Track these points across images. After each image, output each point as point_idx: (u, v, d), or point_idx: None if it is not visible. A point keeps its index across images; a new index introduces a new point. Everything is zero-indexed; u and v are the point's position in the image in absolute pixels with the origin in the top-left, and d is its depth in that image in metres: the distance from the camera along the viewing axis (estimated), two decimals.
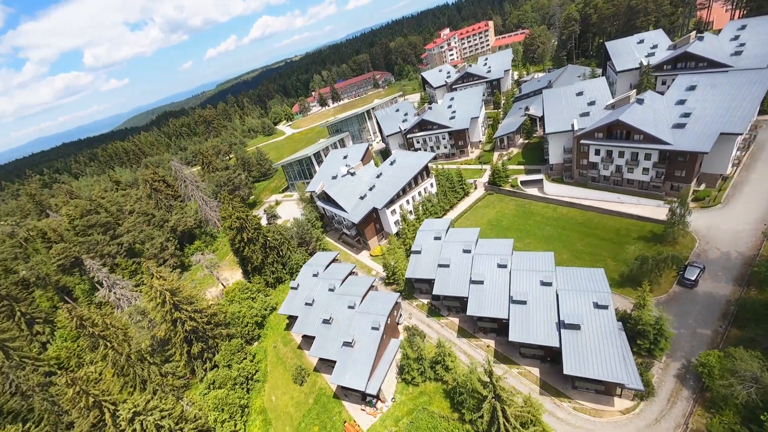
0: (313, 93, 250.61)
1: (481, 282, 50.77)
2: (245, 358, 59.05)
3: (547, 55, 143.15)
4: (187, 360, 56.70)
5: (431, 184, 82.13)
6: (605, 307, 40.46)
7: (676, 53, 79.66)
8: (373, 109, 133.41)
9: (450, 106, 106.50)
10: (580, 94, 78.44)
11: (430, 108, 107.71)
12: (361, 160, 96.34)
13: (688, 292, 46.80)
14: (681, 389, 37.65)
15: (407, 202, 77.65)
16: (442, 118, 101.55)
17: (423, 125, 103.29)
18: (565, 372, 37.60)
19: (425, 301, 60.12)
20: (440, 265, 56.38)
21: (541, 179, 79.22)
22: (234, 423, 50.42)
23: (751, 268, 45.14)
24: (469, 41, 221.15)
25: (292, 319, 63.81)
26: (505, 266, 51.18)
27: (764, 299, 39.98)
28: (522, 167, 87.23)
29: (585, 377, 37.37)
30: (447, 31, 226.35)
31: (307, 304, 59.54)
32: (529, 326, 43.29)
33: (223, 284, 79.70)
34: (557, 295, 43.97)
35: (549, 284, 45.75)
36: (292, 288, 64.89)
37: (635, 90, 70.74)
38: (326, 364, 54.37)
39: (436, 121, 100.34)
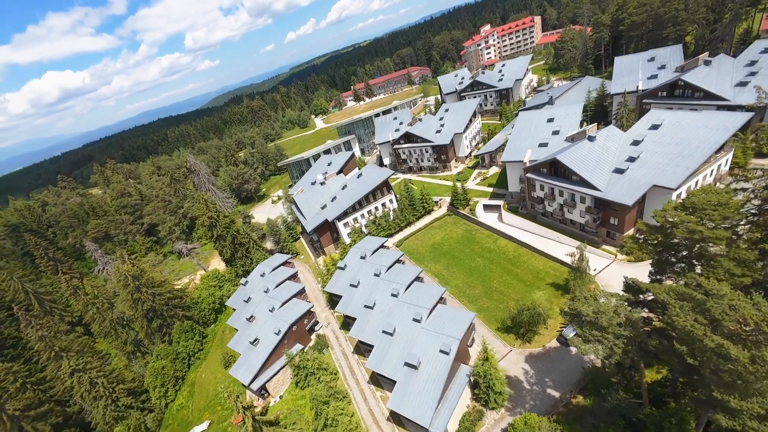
0: (352, 87, 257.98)
1: (371, 307, 54.76)
2: (193, 338, 70.48)
3: (574, 61, 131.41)
4: (146, 332, 69.77)
5: (390, 200, 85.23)
6: (446, 353, 42.51)
7: (669, 79, 71.10)
8: (376, 115, 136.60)
9: (442, 118, 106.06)
10: (550, 120, 74.82)
11: (419, 120, 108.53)
12: (343, 168, 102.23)
13: (562, 350, 46.00)
14: None
15: (362, 216, 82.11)
16: (427, 132, 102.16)
17: (409, 137, 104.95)
18: (387, 405, 41.17)
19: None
20: (351, 285, 61.19)
21: (500, 207, 77.85)
22: (166, 390, 62.06)
23: None
24: (511, 39, 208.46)
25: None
26: (396, 295, 54.36)
27: (609, 375, 38.57)
28: (491, 190, 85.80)
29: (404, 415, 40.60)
30: (488, 27, 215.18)
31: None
32: (384, 357, 46.88)
33: (205, 269, 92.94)
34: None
35: (418, 321, 48.36)
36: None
37: (596, 124, 65.71)
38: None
39: (420, 134, 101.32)
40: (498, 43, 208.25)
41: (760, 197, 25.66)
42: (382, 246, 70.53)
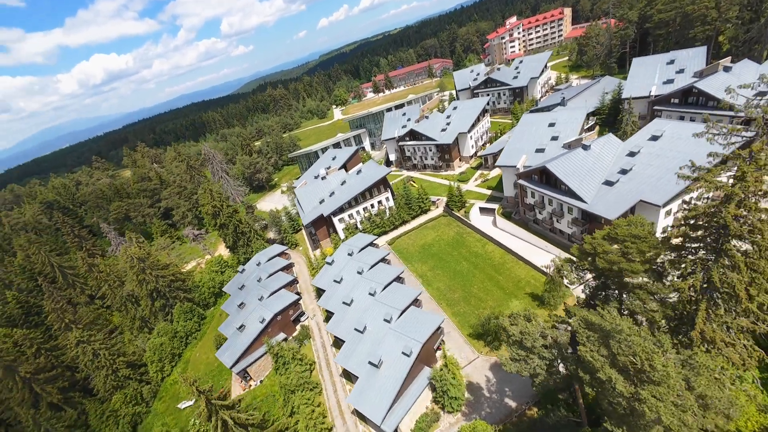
0: (374, 78, 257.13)
1: (349, 304, 56.74)
2: (192, 319, 75.50)
3: (597, 59, 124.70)
4: (150, 310, 75.41)
5: (387, 198, 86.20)
6: (408, 355, 43.86)
7: (683, 86, 66.98)
8: (388, 110, 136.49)
9: (449, 116, 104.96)
10: (551, 125, 72.90)
11: (426, 117, 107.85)
12: (346, 163, 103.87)
13: None
14: None
15: (357, 212, 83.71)
16: (432, 130, 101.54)
17: (414, 135, 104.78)
18: (346, 400, 43.25)
19: None
20: (334, 280, 63.39)
21: (495, 210, 77.12)
22: (163, 365, 67.34)
23: None
24: (537, 32, 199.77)
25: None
26: (373, 294, 55.97)
27: (558, 391, 38.57)
28: (490, 192, 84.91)
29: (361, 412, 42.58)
30: (514, 19, 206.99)
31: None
32: (352, 354, 48.85)
33: (211, 255, 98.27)
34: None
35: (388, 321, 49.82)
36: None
37: (595, 132, 63.37)
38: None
39: (425, 132, 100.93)
40: (523, 36, 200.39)
41: (681, 231, 25.01)
42: (371, 244, 72.14)
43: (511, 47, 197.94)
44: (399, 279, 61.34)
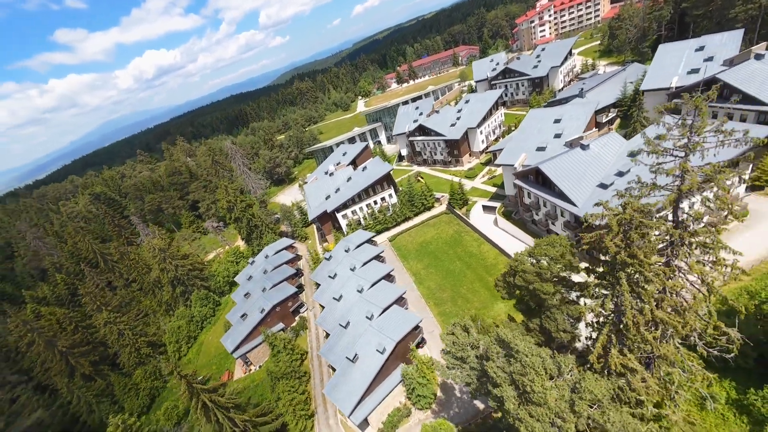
0: (398, 68, 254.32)
1: (338, 299, 59.47)
2: (207, 305, 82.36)
3: (628, 43, 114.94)
4: (172, 295, 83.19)
5: (390, 195, 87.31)
6: (381, 353, 45.89)
7: (705, 77, 61.13)
8: (404, 102, 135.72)
9: (460, 110, 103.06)
10: (557, 121, 70.04)
11: (437, 112, 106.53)
12: (356, 159, 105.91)
13: None
14: None
15: (360, 209, 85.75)
16: (441, 125, 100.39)
17: (423, 130, 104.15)
18: (323, 391, 46.31)
19: None
20: (329, 276, 66.36)
21: (496, 209, 75.90)
22: (180, 346, 74.68)
23: None
24: (571, 13, 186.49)
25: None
26: (360, 291, 58.21)
27: None
28: (495, 189, 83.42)
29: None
30: (545, 0, 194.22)
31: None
32: (334, 347, 51.69)
33: (229, 246, 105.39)
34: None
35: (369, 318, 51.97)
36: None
37: (596, 129, 60.13)
38: None
39: (433, 127, 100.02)
40: (555, 18, 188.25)
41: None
42: (369, 240, 74.19)
43: (541, 31, 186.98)
44: (389, 277, 62.99)
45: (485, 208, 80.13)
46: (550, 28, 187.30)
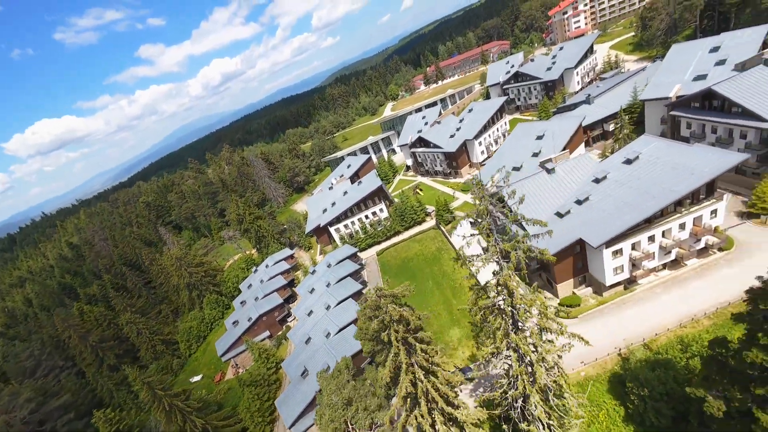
0: (427, 69, 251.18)
1: (309, 315, 63.85)
2: (217, 308, 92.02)
3: (658, 36, 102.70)
4: (189, 298, 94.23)
5: (381, 209, 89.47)
6: (326, 371, 49.30)
7: (699, 90, 54.57)
8: (417, 110, 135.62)
9: (462, 120, 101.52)
10: (539, 137, 67.43)
11: (438, 123, 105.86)
12: (358, 172, 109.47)
13: None
14: None
15: (352, 223, 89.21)
16: (440, 137, 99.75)
17: (423, 142, 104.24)
18: (275, 402, 51.05)
19: None
20: (309, 291, 71.04)
21: None
22: (191, 344, 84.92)
23: None
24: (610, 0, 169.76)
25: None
26: (328, 308, 62.06)
27: None
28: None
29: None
30: None
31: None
32: (294, 361, 56.14)
33: (245, 252, 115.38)
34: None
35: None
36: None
37: (566, 151, 56.87)
38: None
39: (432, 140, 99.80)
40: (591, 7, 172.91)
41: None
42: (353, 255, 77.55)
43: (576, 22, 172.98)
44: (359, 294, 65.85)
45: (472, 224, 79.05)
46: (586, 17, 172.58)
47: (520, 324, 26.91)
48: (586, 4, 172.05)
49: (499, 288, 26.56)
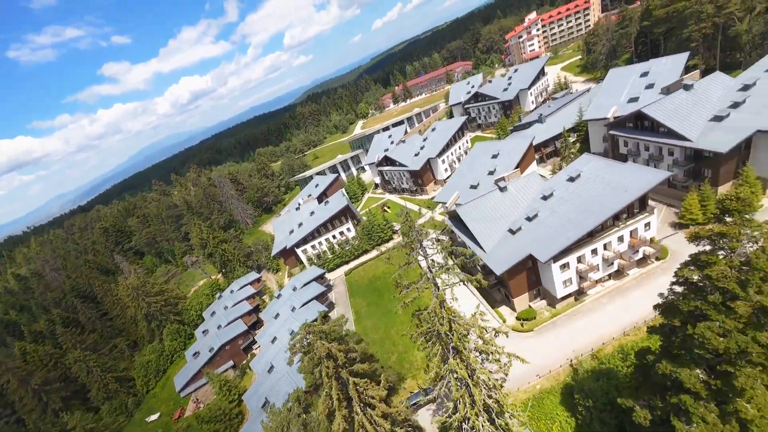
0: (395, 88, 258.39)
1: (273, 341, 62.05)
2: (178, 339, 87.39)
3: (600, 60, 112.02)
4: (147, 329, 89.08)
5: (348, 229, 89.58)
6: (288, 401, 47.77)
7: (633, 111, 59.61)
8: (385, 129, 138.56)
9: (425, 139, 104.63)
10: (495, 156, 70.38)
11: (403, 141, 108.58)
12: (326, 191, 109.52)
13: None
14: None
15: (319, 243, 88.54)
16: (405, 155, 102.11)
17: (389, 160, 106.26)
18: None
19: None
20: (273, 317, 69.23)
21: None
22: (148, 379, 79.77)
23: None
24: (560, 25, 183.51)
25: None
26: (291, 333, 60.54)
27: None
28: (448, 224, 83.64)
29: None
30: (533, 14, 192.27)
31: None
32: (258, 390, 54.09)
33: (210, 278, 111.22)
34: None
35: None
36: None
37: (518, 169, 59.95)
38: None
39: (397, 158, 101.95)
40: (544, 32, 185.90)
41: None
42: (320, 277, 76.66)
43: (530, 46, 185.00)
44: (326, 318, 64.84)
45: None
46: (539, 41, 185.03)
47: (458, 348, 27.61)
48: (539, 29, 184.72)
49: (436, 314, 27.31)
